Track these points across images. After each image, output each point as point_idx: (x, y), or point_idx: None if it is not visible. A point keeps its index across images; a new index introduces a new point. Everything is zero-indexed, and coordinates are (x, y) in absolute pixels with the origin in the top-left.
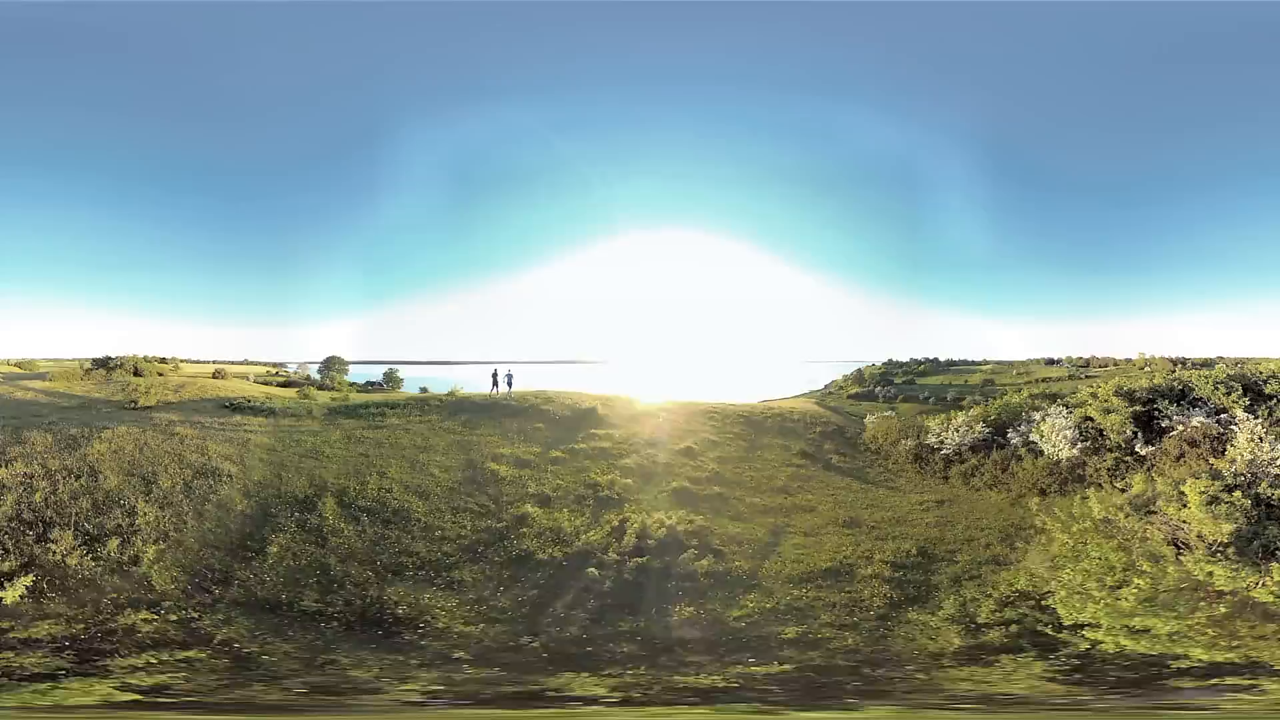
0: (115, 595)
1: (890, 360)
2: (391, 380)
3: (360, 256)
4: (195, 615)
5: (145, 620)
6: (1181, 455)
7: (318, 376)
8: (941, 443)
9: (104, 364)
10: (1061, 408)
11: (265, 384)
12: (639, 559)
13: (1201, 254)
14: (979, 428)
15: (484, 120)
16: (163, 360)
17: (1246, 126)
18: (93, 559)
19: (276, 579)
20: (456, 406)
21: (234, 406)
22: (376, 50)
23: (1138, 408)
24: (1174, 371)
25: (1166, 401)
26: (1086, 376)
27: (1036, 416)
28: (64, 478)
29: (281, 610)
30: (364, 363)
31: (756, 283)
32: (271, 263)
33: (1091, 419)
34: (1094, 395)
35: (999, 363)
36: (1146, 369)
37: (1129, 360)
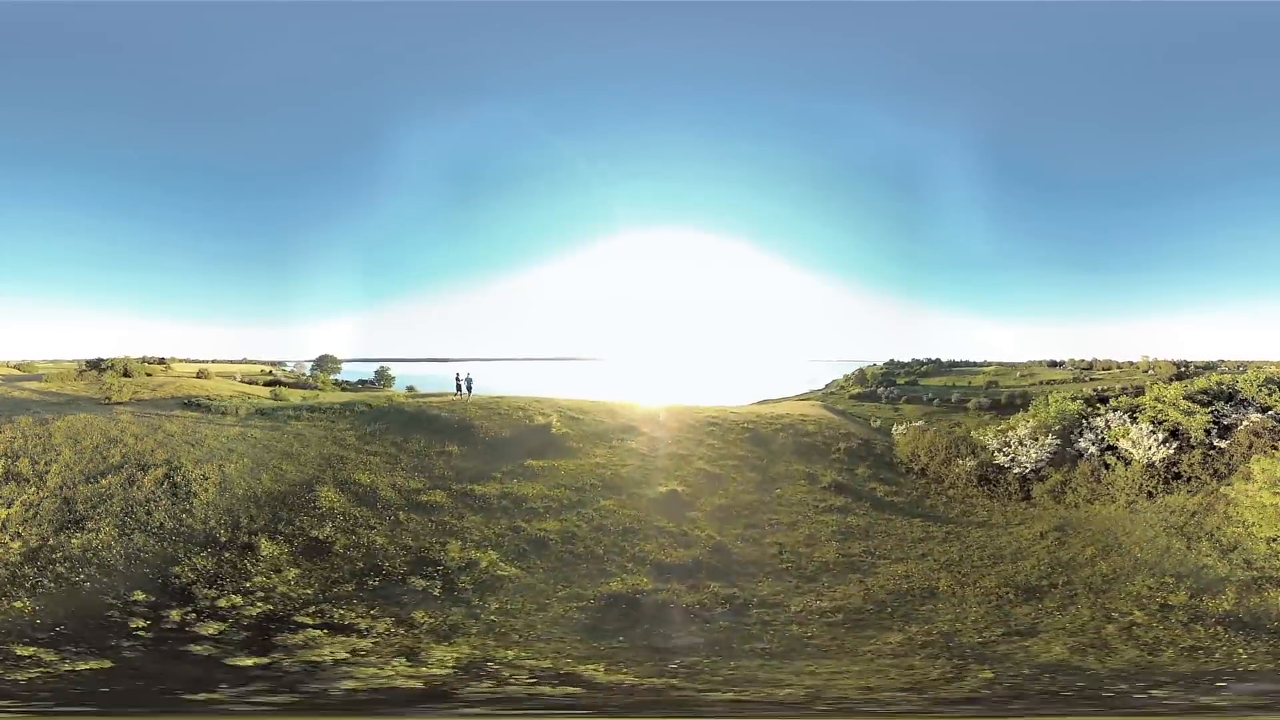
0: None
1: (891, 360)
2: (383, 378)
3: (361, 255)
4: None
5: None
6: (1250, 446)
7: (309, 375)
8: (1013, 460)
9: (96, 365)
10: (1120, 413)
11: (251, 383)
12: None
13: (1203, 254)
14: (1048, 439)
15: (483, 119)
16: (162, 360)
17: (1249, 125)
18: None
19: None
20: (379, 414)
21: (187, 403)
22: (375, 50)
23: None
24: (1178, 374)
25: (1221, 402)
26: (1091, 379)
27: (1100, 423)
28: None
29: None
30: (365, 360)
31: (756, 281)
32: (273, 262)
33: (1164, 419)
34: (1159, 400)
35: (1000, 364)
36: (1150, 372)
37: (1132, 363)
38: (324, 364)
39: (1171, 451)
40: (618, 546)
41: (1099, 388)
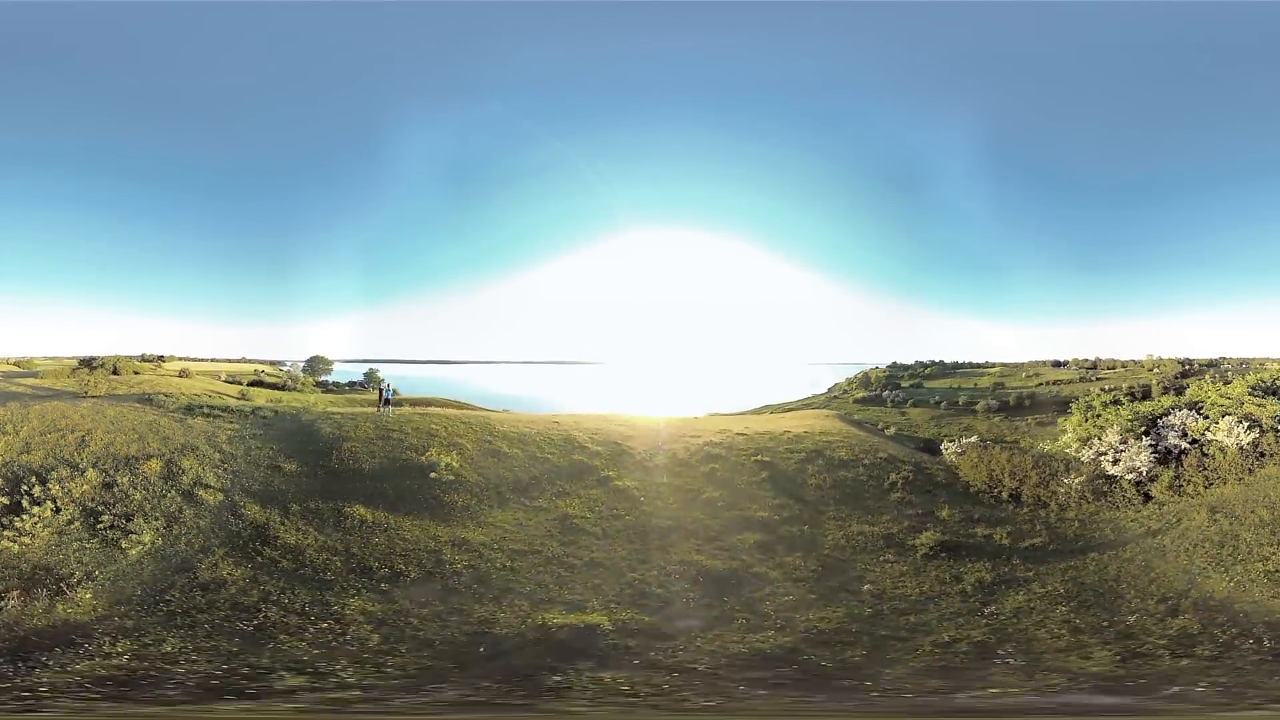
0: None
1: (894, 363)
2: (372, 380)
3: (361, 255)
4: None
5: None
6: None
7: (297, 375)
8: (1123, 466)
9: (88, 363)
10: (1188, 410)
11: (234, 382)
12: None
13: (1203, 255)
14: (1144, 441)
15: (483, 119)
16: (161, 358)
17: (1251, 126)
18: None
19: None
20: (268, 423)
21: (142, 398)
22: (374, 49)
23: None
24: (1183, 372)
25: (1273, 396)
26: (1096, 379)
27: (1181, 416)
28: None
29: None
30: (366, 361)
31: (757, 281)
32: (276, 261)
33: (1232, 412)
34: (1224, 396)
35: (1005, 365)
36: (1155, 370)
37: (1137, 362)
38: (315, 365)
39: (1255, 436)
40: None
41: (1106, 387)
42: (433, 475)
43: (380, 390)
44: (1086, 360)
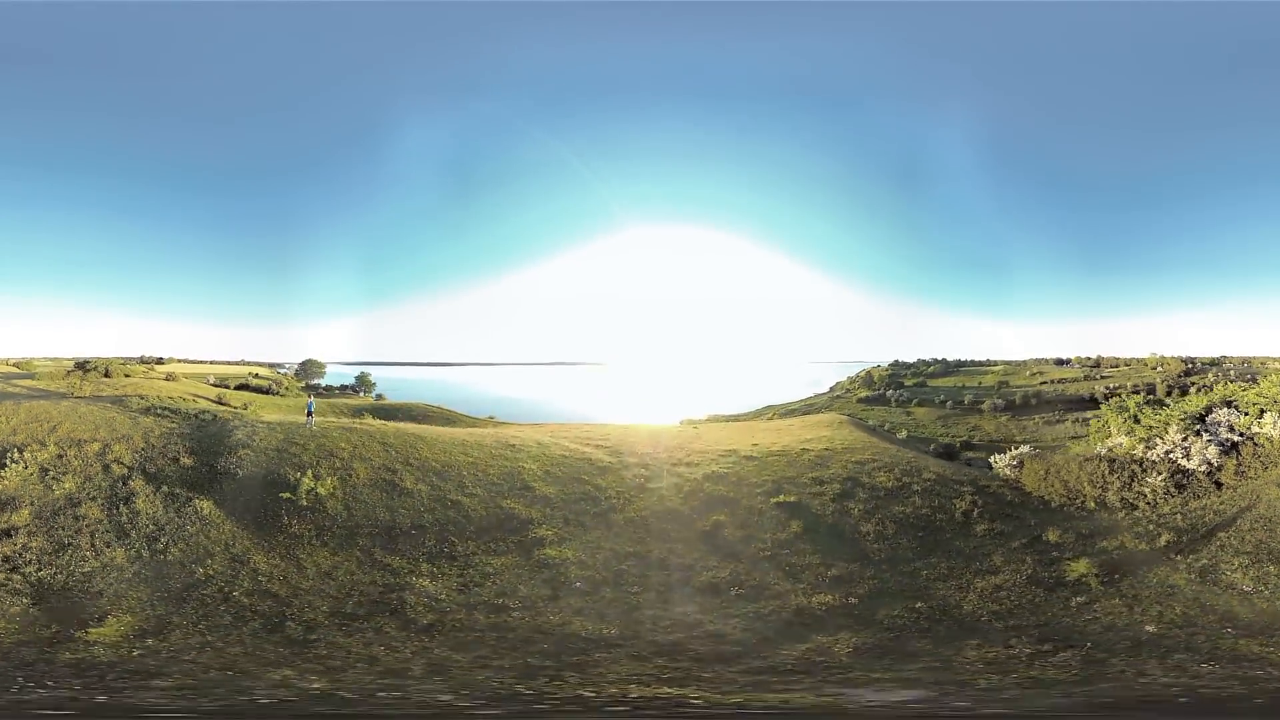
0: None
1: (897, 361)
2: (364, 383)
3: (360, 254)
4: None
5: None
6: None
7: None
8: (1205, 460)
9: (82, 366)
10: (1226, 407)
11: (222, 386)
12: None
13: (1202, 255)
14: (1205, 435)
15: (483, 118)
16: (160, 360)
17: (1252, 129)
18: None
19: None
20: (201, 421)
21: (115, 400)
22: (373, 49)
23: None
24: (1187, 370)
25: None
26: (1101, 377)
27: (1225, 413)
28: None
29: None
30: (366, 364)
31: (758, 279)
32: (275, 263)
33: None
34: (1260, 395)
35: (1008, 363)
36: (1159, 369)
37: (1140, 360)
38: (308, 369)
39: None
40: None
41: (1111, 385)
42: (284, 495)
43: (308, 405)
44: (1089, 359)
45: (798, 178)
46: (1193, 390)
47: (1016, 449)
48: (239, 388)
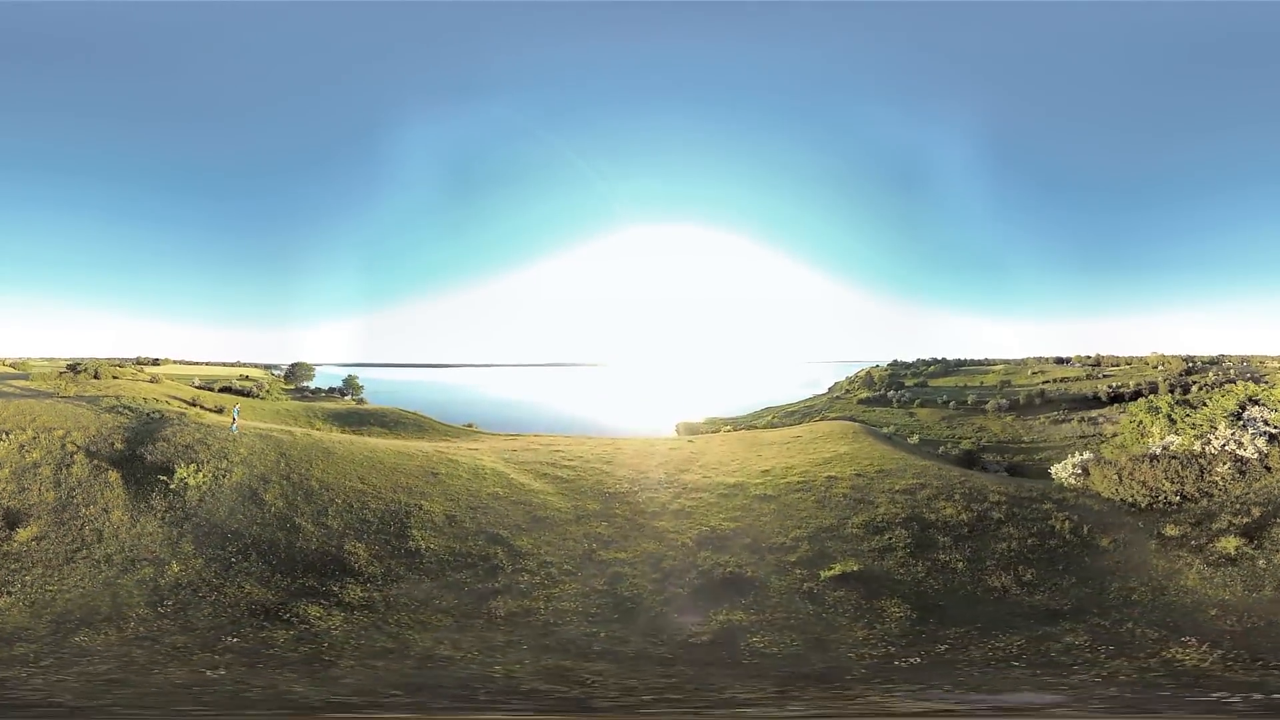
0: None
1: (896, 361)
2: (351, 387)
3: (359, 253)
4: None
5: None
6: None
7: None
8: (1258, 449)
9: (73, 368)
10: (1252, 404)
11: (205, 389)
12: None
13: (1201, 254)
14: (1250, 431)
15: (483, 117)
16: (155, 361)
17: (1252, 128)
18: None
19: None
20: (153, 419)
21: (91, 399)
22: (372, 49)
23: None
24: (1188, 369)
25: None
26: (1103, 376)
27: (1258, 410)
28: None
29: None
30: (363, 365)
31: (757, 279)
32: (274, 265)
33: None
34: None
35: (1009, 362)
36: (1161, 368)
37: (1141, 359)
38: (296, 371)
39: None
40: None
41: (1114, 384)
42: (162, 478)
43: (237, 411)
44: (1088, 358)
45: (797, 177)
46: (1194, 388)
47: (1076, 455)
48: (223, 390)
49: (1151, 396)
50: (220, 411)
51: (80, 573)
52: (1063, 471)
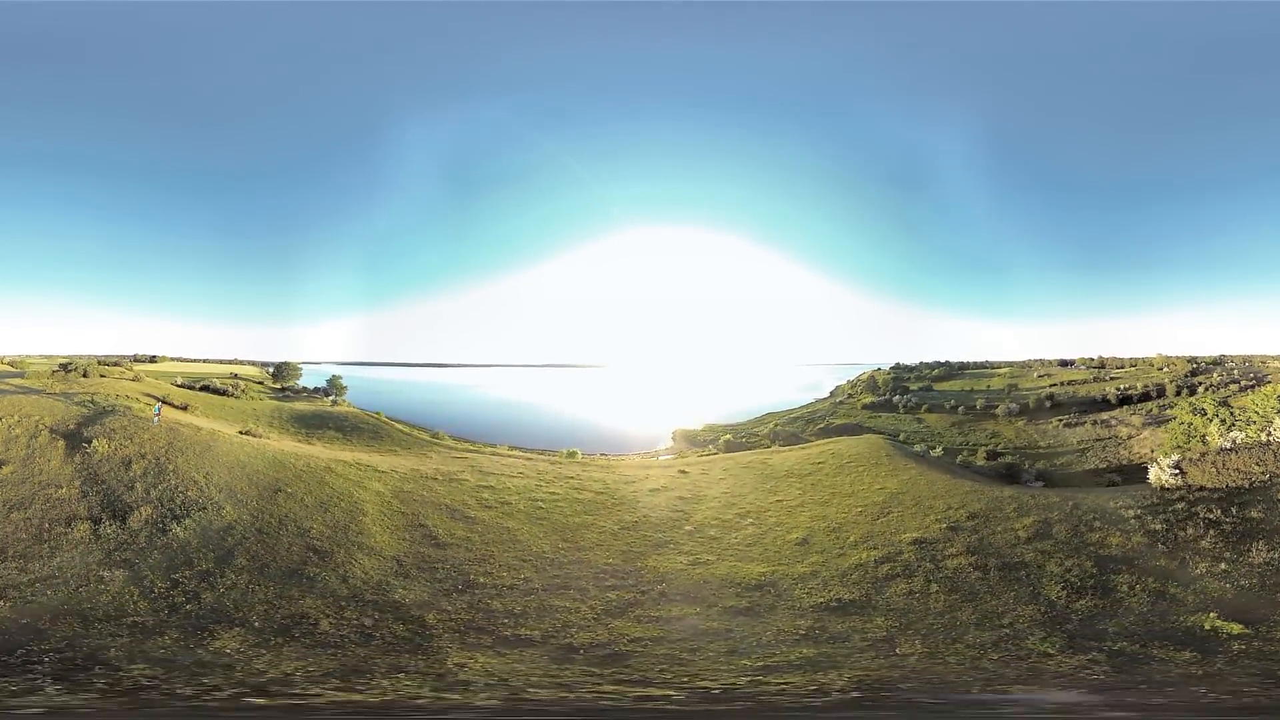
0: None
1: (898, 364)
2: (335, 387)
3: (359, 253)
4: None
5: None
6: None
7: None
8: None
9: (65, 366)
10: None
11: (188, 387)
12: None
13: (1200, 254)
14: None
15: (482, 120)
16: (153, 358)
17: (1253, 128)
18: None
19: None
20: (108, 410)
21: (66, 395)
22: (370, 50)
23: None
24: (1193, 369)
25: None
26: (1110, 378)
27: None
28: None
29: None
30: (362, 364)
31: (756, 281)
32: (273, 263)
33: None
34: None
35: (1012, 364)
36: (1166, 369)
37: (1144, 360)
38: (283, 370)
39: None
40: None
41: (1122, 386)
42: (86, 447)
43: (158, 408)
44: (1092, 359)
45: (797, 178)
46: (1200, 389)
47: (1166, 457)
48: (202, 389)
49: (1192, 399)
50: (185, 409)
51: (29, 490)
52: (1162, 475)
